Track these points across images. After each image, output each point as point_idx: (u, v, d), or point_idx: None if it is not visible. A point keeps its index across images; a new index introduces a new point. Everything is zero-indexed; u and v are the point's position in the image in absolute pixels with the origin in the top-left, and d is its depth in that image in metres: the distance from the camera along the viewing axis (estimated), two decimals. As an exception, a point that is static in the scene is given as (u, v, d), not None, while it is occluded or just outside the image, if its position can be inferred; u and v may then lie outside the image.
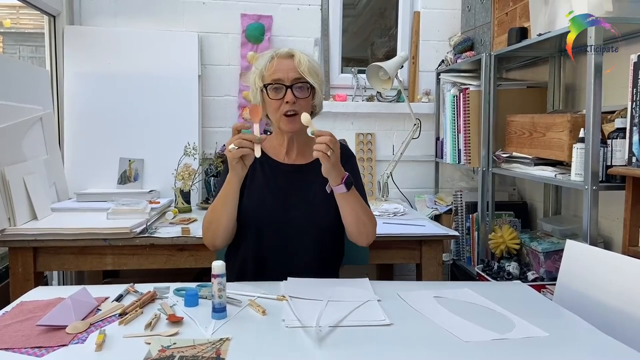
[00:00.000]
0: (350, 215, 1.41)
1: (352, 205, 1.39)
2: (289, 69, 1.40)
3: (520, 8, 2.26)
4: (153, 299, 1.22)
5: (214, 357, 0.93)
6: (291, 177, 1.49)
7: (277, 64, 1.41)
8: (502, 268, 2.04)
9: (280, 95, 1.40)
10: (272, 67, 1.41)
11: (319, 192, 1.42)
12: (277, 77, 1.40)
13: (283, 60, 1.41)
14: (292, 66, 1.40)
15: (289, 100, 1.38)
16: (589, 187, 1.55)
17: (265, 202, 1.45)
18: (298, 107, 1.40)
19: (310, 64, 1.41)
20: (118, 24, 2.62)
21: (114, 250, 1.87)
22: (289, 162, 1.51)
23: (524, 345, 1.01)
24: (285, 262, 1.43)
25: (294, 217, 1.43)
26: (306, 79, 1.39)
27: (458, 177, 2.87)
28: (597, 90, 1.54)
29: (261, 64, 1.43)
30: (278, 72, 1.40)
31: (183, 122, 2.56)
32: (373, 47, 3.09)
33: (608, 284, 1.26)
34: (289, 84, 1.39)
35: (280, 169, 1.50)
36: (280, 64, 1.41)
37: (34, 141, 2.08)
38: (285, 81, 1.39)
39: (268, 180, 1.48)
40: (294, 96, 1.39)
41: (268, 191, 1.46)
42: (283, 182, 1.48)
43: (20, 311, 1.15)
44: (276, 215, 1.43)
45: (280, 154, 1.51)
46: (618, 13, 1.60)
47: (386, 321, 1.11)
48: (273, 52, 1.44)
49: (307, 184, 1.47)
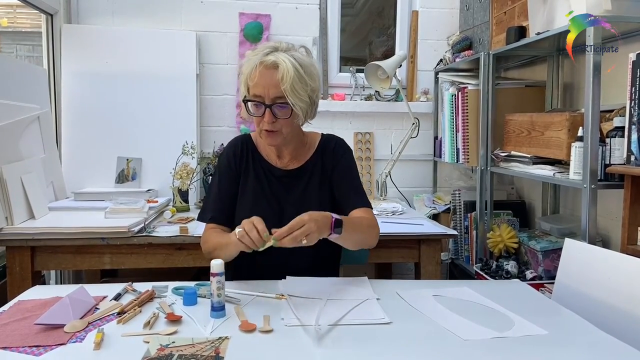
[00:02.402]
0: (350, 245, 1.39)
1: (349, 238, 1.33)
2: (270, 85, 1.29)
3: (519, 7, 2.27)
4: (151, 298, 1.22)
5: (212, 356, 0.93)
6: (285, 182, 1.47)
7: (259, 75, 1.29)
8: (500, 267, 2.04)
9: (260, 113, 1.32)
10: (255, 77, 1.30)
11: (313, 196, 1.41)
12: (257, 93, 1.31)
13: (266, 72, 1.29)
14: (274, 81, 1.28)
15: (267, 121, 1.31)
16: (588, 186, 1.55)
17: (258, 209, 1.42)
18: (278, 125, 1.33)
19: (295, 79, 1.28)
20: (116, 23, 2.61)
21: (112, 250, 1.87)
22: (282, 166, 1.48)
23: (523, 344, 1.01)
24: (280, 266, 1.40)
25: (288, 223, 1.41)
26: (287, 100, 1.29)
27: (456, 176, 2.87)
28: (596, 89, 1.54)
29: (246, 70, 1.34)
30: (259, 86, 1.30)
31: (181, 121, 2.55)
32: (371, 46, 3.09)
33: (606, 282, 1.26)
34: (269, 103, 1.30)
35: (273, 174, 1.47)
36: (263, 76, 1.29)
37: (32, 140, 2.07)
38: (265, 99, 1.30)
39: (262, 185, 1.46)
40: (273, 116, 1.31)
41: (261, 197, 1.45)
42: (277, 187, 1.46)
43: (18, 310, 1.14)
44: (270, 222, 1.41)
45: (272, 157, 1.50)
46: (617, 12, 1.60)
47: (385, 320, 1.11)
48: (261, 56, 1.32)
49: (302, 189, 1.45)
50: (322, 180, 1.48)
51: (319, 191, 1.46)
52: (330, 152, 1.50)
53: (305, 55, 1.38)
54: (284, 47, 1.34)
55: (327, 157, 1.50)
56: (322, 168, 1.48)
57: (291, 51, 1.35)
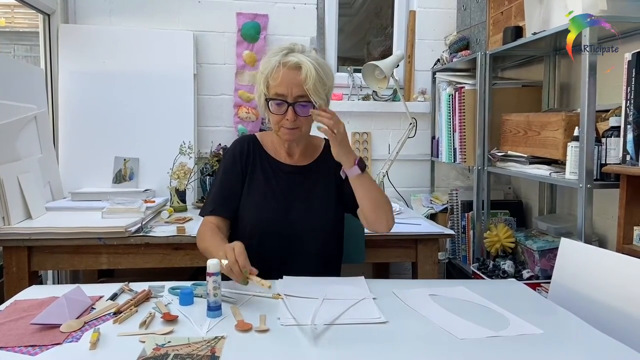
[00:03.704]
0: (367, 199, 1.38)
1: (368, 187, 1.38)
2: (293, 84, 1.33)
3: (515, 7, 2.27)
4: (148, 298, 1.22)
5: (208, 355, 0.93)
6: (293, 178, 1.48)
7: (282, 75, 1.34)
8: (497, 266, 2.04)
9: (282, 111, 1.36)
10: (278, 77, 1.34)
11: (321, 194, 1.42)
12: (280, 92, 1.35)
13: (289, 72, 1.34)
14: (297, 81, 1.33)
15: (289, 119, 1.36)
16: (584, 186, 1.55)
17: (265, 205, 1.44)
18: (299, 123, 1.38)
19: (317, 79, 1.33)
20: (113, 23, 2.61)
21: (109, 250, 1.86)
22: (291, 162, 1.50)
23: (519, 343, 1.01)
24: (285, 264, 1.41)
25: (295, 220, 1.42)
26: (310, 98, 1.34)
27: (454, 176, 2.88)
28: (592, 89, 1.54)
29: (267, 69, 1.37)
30: (282, 85, 1.34)
31: (178, 121, 2.55)
32: (369, 46, 3.10)
33: (602, 281, 1.26)
34: (292, 102, 1.35)
35: (282, 170, 1.49)
36: (286, 76, 1.34)
37: (29, 140, 2.07)
38: (288, 97, 1.34)
39: (269, 181, 1.47)
40: (295, 114, 1.36)
41: (269, 193, 1.46)
42: (284, 183, 1.47)
43: (14, 310, 1.14)
44: (277, 218, 1.42)
45: (281, 154, 1.51)
46: (612, 12, 1.61)
47: (381, 319, 1.11)
48: (281, 56, 1.36)
49: (309, 186, 1.47)
50: (329, 180, 1.49)
51: (326, 189, 1.48)
52: None
53: (320, 57, 1.44)
54: (299, 49, 1.39)
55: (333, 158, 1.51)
56: (328, 168, 1.50)
57: (307, 52, 1.39)
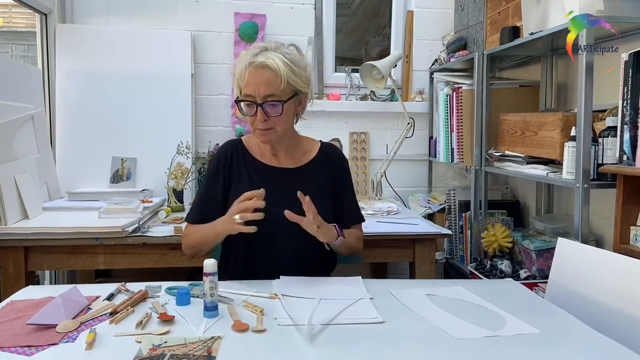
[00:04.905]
0: (345, 250, 1.48)
1: (347, 243, 1.44)
2: (260, 84, 1.33)
3: (513, 7, 2.27)
4: (144, 298, 1.21)
5: (205, 356, 0.93)
6: (280, 180, 1.47)
7: (249, 75, 1.34)
8: (494, 266, 2.05)
9: (252, 112, 1.36)
10: (245, 77, 1.35)
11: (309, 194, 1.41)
12: (248, 93, 1.35)
13: (256, 72, 1.33)
14: (264, 80, 1.33)
15: (259, 119, 1.36)
16: (581, 186, 1.56)
17: None
18: (271, 123, 1.37)
19: (288, 72, 1.33)
20: (110, 22, 2.61)
21: (106, 250, 1.86)
22: (277, 164, 1.50)
23: (515, 342, 1.02)
24: (273, 266, 1.40)
25: (282, 223, 1.40)
26: (277, 98, 1.34)
27: (451, 176, 2.88)
28: (589, 89, 1.54)
29: (238, 71, 1.38)
30: (249, 86, 1.34)
31: (176, 121, 2.55)
32: (367, 46, 3.09)
33: (599, 281, 1.27)
34: (260, 102, 1.34)
35: (267, 172, 1.48)
36: (253, 76, 1.33)
37: (25, 140, 2.07)
38: (256, 98, 1.34)
39: (255, 184, 1.43)
40: (265, 114, 1.35)
41: None
42: (271, 185, 1.43)
43: (11, 310, 1.14)
44: (264, 222, 1.40)
45: (266, 156, 1.50)
46: (609, 12, 1.61)
47: (378, 319, 1.11)
48: (250, 57, 1.36)
49: (296, 187, 1.43)
50: (320, 186, 1.48)
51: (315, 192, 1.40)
52: (331, 161, 1.54)
53: (295, 52, 1.42)
54: (272, 47, 1.39)
55: (328, 165, 1.53)
56: (321, 175, 1.50)
57: (280, 49, 1.39)
